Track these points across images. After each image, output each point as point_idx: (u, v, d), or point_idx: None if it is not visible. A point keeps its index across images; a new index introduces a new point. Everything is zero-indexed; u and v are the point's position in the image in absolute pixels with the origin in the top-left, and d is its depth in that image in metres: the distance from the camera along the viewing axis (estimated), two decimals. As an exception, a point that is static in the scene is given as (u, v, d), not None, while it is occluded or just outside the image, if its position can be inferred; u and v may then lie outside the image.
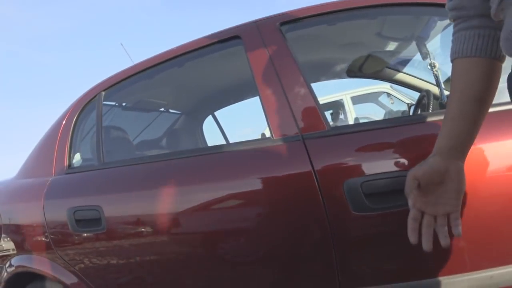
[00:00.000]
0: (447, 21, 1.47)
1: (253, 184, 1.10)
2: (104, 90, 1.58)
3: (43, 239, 1.43)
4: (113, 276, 1.33)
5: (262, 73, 1.21)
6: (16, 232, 1.56)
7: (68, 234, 1.36)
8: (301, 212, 1.04)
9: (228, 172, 1.16)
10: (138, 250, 1.24)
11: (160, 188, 1.24)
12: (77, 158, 1.55)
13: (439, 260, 0.98)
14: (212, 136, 2.66)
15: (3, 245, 1.58)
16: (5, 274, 1.55)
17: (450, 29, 1.59)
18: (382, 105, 4.50)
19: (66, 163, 1.52)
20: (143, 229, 1.23)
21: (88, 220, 1.32)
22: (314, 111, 1.12)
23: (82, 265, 1.35)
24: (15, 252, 1.53)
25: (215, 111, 2.58)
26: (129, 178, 1.31)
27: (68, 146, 1.55)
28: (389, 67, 2.20)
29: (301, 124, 1.11)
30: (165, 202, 1.22)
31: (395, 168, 0.97)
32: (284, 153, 1.09)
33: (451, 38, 0.85)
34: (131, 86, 1.65)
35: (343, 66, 2.20)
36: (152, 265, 1.23)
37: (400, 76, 2.24)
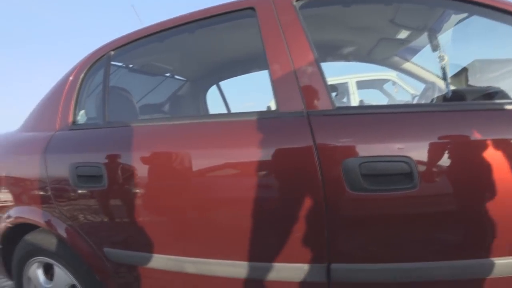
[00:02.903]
0: (460, 16, 1.46)
1: (255, 154, 1.12)
2: (113, 50, 1.58)
3: (43, 192, 1.46)
4: (108, 233, 1.37)
5: (273, 46, 1.21)
6: (16, 184, 1.58)
7: (69, 189, 1.39)
8: (299, 185, 1.06)
9: (231, 140, 1.17)
10: (136, 209, 1.27)
11: (161, 150, 1.26)
12: (81, 115, 1.56)
13: (427, 244, 1.01)
14: (214, 106, 2.66)
15: (1, 196, 1.60)
16: (3, 224, 1.59)
17: (463, 24, 1.59)
18: (386, 93, 4.46)
19: (70, 119, 1.53)
20: (142, 189, 1.26)
21: (90, 177, 1.34)
22: (321, 89, 1.13)
23: (80, 220, 1.39)
24: (13, 203, 1.56)
25: (220, 81, 2.57)
26: (132, 138, 1.32)
27: (74, 102, 1.56)
28: (398, 55, 2.20)
29: (307, 101, 1.12)
30: (165, 164, 1.24)
31: (394, 153, 0.99)
32: (288, 126, 1.10)
33: (463, 33, 0.84)
34: (140, 48, 1.64)
35: (352, 49, 2.19)
36: (148, 226, 1.27)
37: (407, 65, 2.24)
